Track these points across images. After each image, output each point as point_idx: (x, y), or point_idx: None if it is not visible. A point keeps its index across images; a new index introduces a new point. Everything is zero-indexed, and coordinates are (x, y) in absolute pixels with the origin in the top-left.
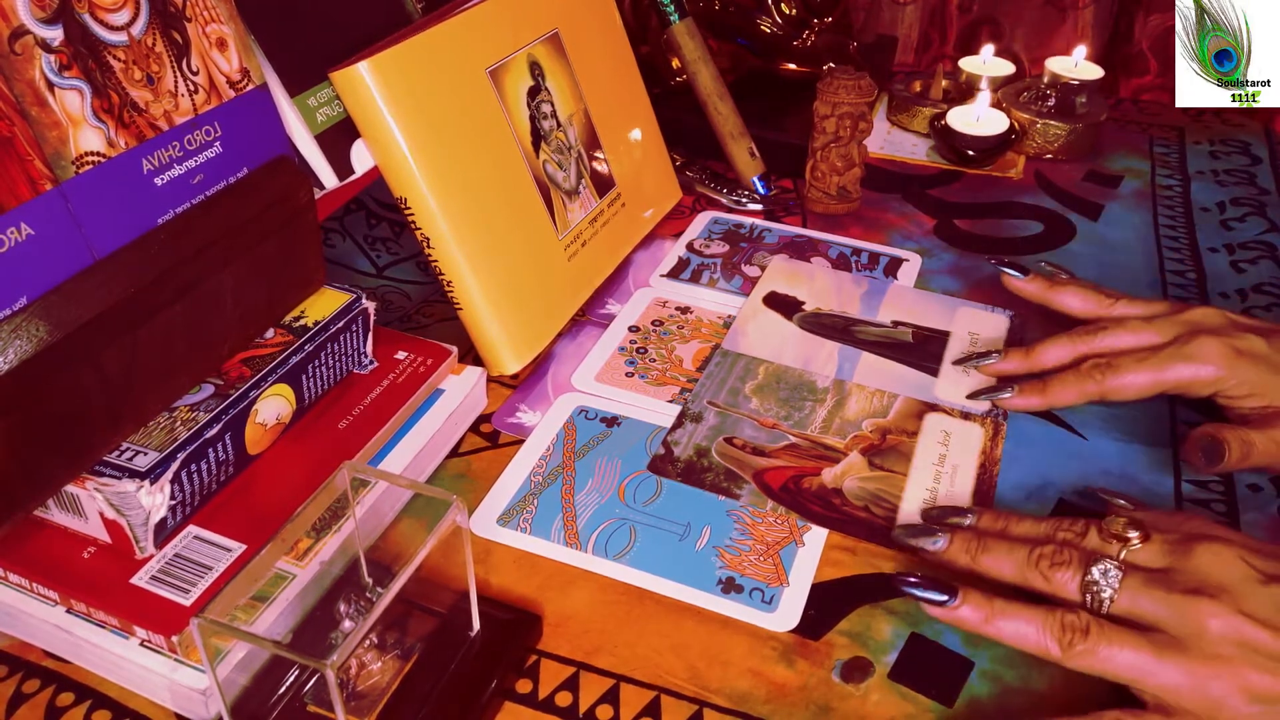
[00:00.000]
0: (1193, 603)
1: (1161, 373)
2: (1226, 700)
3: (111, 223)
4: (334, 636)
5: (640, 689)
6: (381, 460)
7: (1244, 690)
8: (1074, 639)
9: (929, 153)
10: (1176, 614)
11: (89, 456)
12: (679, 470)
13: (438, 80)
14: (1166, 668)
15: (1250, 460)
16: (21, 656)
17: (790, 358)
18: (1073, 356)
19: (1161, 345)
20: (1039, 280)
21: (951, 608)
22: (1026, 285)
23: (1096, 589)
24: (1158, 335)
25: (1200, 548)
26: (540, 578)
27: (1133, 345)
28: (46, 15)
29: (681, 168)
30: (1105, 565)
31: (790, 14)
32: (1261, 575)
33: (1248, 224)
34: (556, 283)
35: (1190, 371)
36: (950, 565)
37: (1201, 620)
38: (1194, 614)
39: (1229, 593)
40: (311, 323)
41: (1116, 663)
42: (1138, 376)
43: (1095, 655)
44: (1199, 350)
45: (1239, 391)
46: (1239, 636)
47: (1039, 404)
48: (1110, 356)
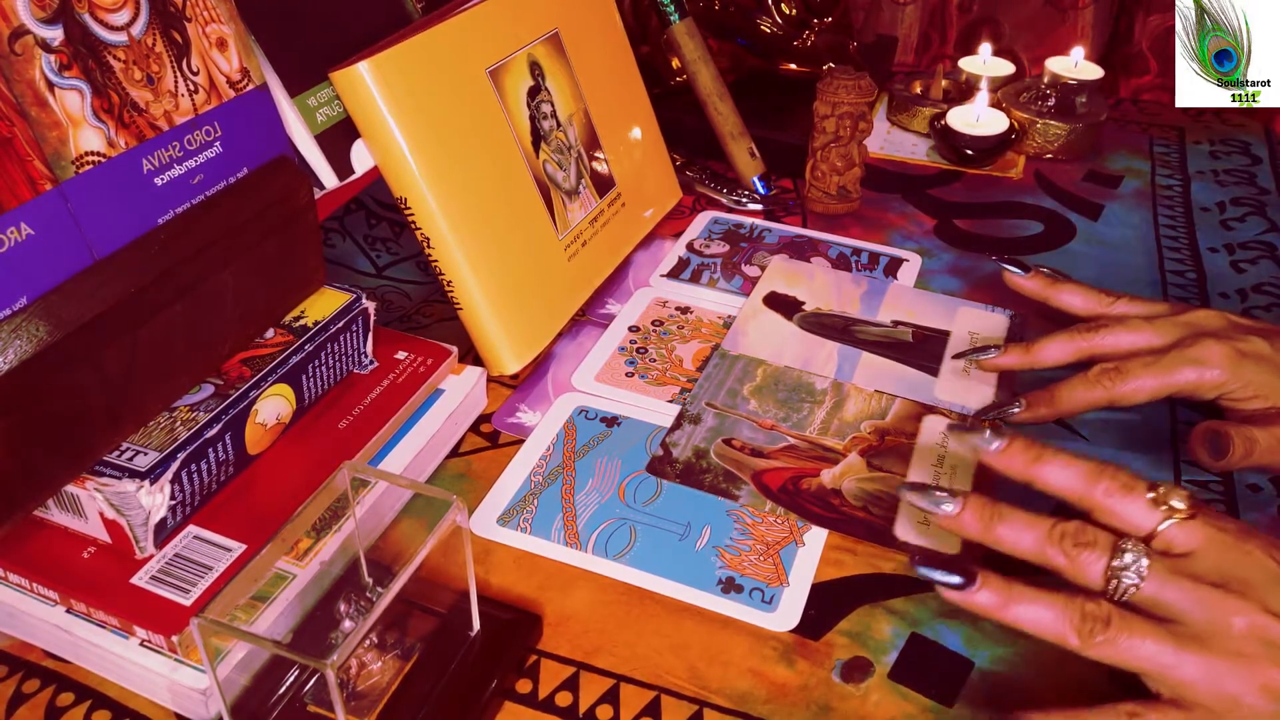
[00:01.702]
0: (1218, 596)
1: (1168, 377)
2: (1244, 697)
3: (111, 223)
4: (334, 636)
5: (640, 689)
6: (381, 460)
7: (1264, 688)
8: (1095, 629)
9: (929, 153)
10: (1201, 607)
11: (89, 456)
12: (677, 471)
13: (438, 80)
14: (1186, 661)
15: (1253, 458)
16: (21, 656)
17: (790, 358)
18: (1073, 354)
19: (1164, 348)
20: (1040, 278)
21: (970, 592)
22: (1027, 282)
23: (1123, 576)
24: (1158, 336)
25: (1235, 541)
26: (540, 578)
27: (1133, 345)
28: (46, 15)
29: (681, 168)
30: (1135, 553)
31: (790, 14)
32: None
33: (1248, 224)
34: (556, 283)
35: (1195, 375)
36: (960, 533)
37: (1226, 616)
38: (1219, 608)
39: (1256, 589)
40: (311, 323)
41: (1137, 654)
42: (1145, 381)
43: (1116, 646)
44: (1203, 353)
45: (1243, 394)
46: (1263, 634)
47: (1048, 415)
48: (1113, 357)
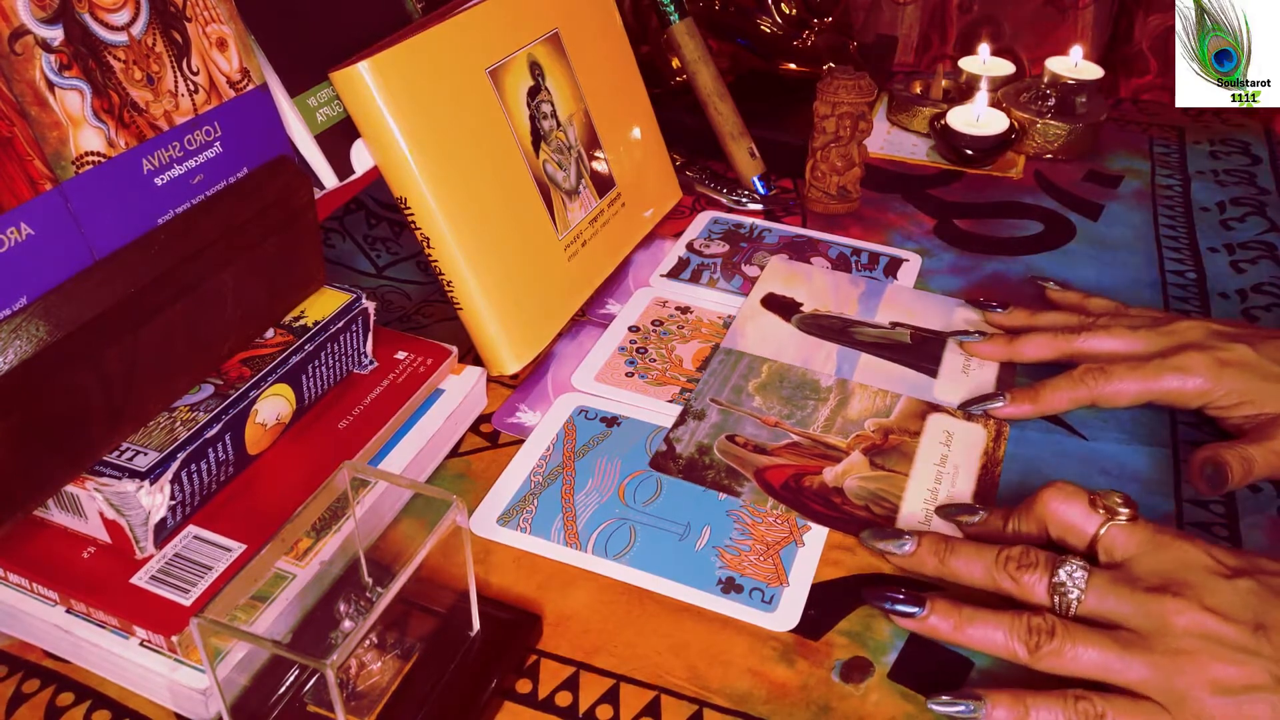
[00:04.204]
0: (1157, 600)
1: (1151, 383)
2: (1191, 693)
3: (111, 223)
4: (334, 636)
5: (640, 689)
6: (381, 460)
7: (1209, 683)
8: (1040, 641)
9: (929, 153)
10: (1142, 611)
11: (89, 456)
12: (680, 467)
13: (438, 80)
14: (1132, 664)
15: (1253, 476)
16: (21, 656)
17: (790, 359)
18: (1053, 353)
19: (1149, 355)
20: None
21: (920, 618)
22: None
23: (1064, 590)
24: (1140, 343)
25: (1172, 543)
26: (540, 578)
27: (1115, 349)
28: (47, 15)
29: (681, 168)
30: (1071, 567)
31: (790, 14)
32: (1226, 569)
33: (1248, 224)
34: (556, 282)
35: (1178, 382)
36: (917, 570)
37: (1166, 617)
38: (1158, 610)
39: (1192, 588)
40: (311, 323)
41: (1082, 663)
42: (1129, 385)
43: (1062, 656)
44: (1186, 362)
45: (1228, 401)
46: (1202, 630)
47: (1030, 412)
48: (1097, 360)
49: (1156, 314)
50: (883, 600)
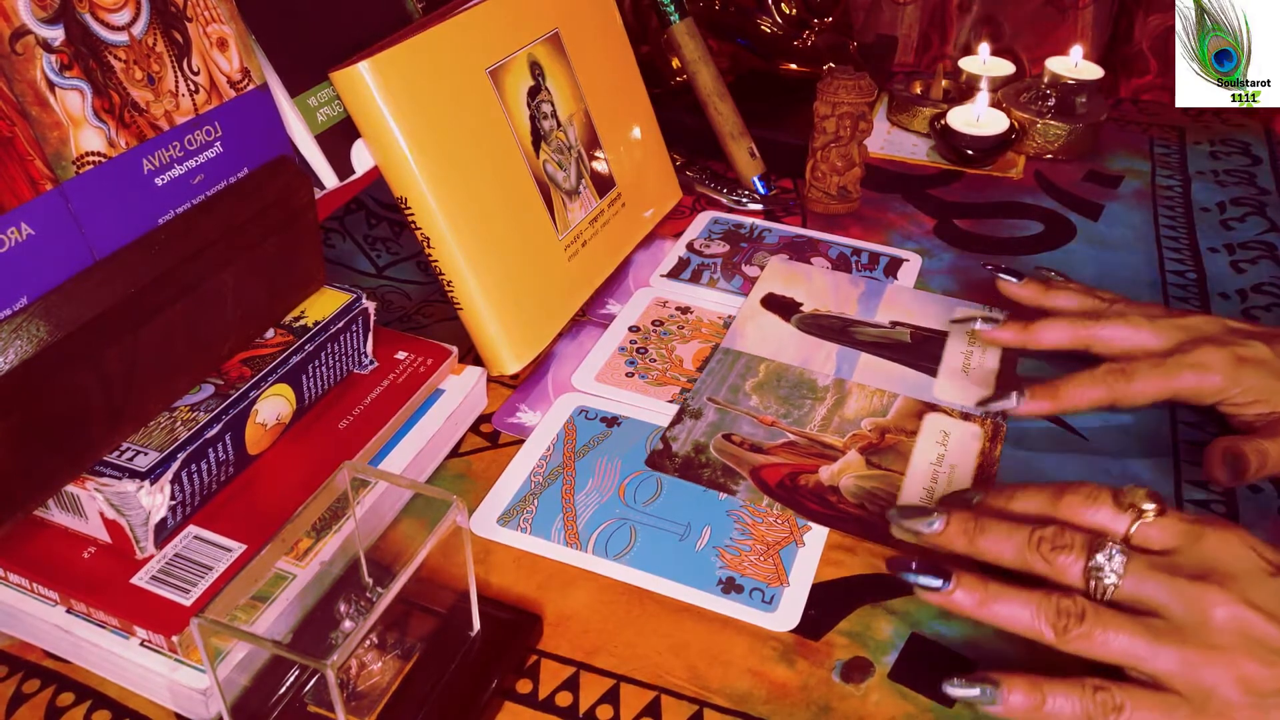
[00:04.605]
0: (1199, 589)
1: (1170, 381)
2: (1219, 689)
3: (112, 223)
4: (334, 636)
5: (640, 689)
6: (381, 460)
7: (1240, 681)
8: (1069, 624)
9: (929, 153)
10: (1181, 600)
11: (89, 456)
12: (676, 466)
13: (438, 80)
14: (1161, 654)
15: (1266, 470)
16: (21, 656)
17: (789, 359)
18: (1070, 340)
19: (1164, 351)
20: (1033, 285)
21: (945, 592)
22: (1020, 289)
23: (1100, 574)
24: (1157, 336)
25: (1211, 533)
26: (540, 578)
27: (1131, 341)
28: (47, 15)
29: (681, 168)
30: (1110, 551)
31: (790, 14)
32: (1271, 567)
33: (1248, 224)
34: (557, 283)
35: (1195, 380)
36: (947, 548)
37: (1206, 608)
38: (1199, 601)
39: (1236, 581)
40: (311, 323)
41: (1111, 648)
42: (1151, 384)
43: (1090, 640)
44: (1203, 358)
45: (1244, 399)
46: (1242, 627)
47: (1050, 409)
48: (1111, 350)
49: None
50: (906, 570)
